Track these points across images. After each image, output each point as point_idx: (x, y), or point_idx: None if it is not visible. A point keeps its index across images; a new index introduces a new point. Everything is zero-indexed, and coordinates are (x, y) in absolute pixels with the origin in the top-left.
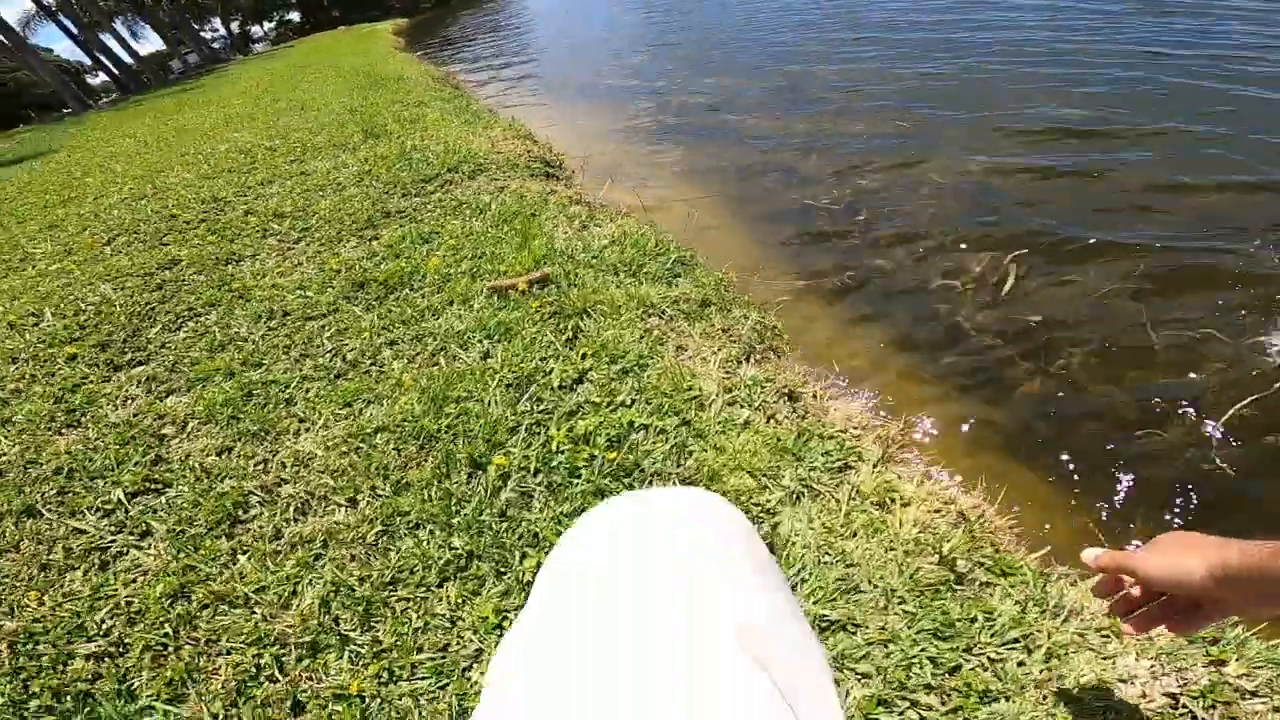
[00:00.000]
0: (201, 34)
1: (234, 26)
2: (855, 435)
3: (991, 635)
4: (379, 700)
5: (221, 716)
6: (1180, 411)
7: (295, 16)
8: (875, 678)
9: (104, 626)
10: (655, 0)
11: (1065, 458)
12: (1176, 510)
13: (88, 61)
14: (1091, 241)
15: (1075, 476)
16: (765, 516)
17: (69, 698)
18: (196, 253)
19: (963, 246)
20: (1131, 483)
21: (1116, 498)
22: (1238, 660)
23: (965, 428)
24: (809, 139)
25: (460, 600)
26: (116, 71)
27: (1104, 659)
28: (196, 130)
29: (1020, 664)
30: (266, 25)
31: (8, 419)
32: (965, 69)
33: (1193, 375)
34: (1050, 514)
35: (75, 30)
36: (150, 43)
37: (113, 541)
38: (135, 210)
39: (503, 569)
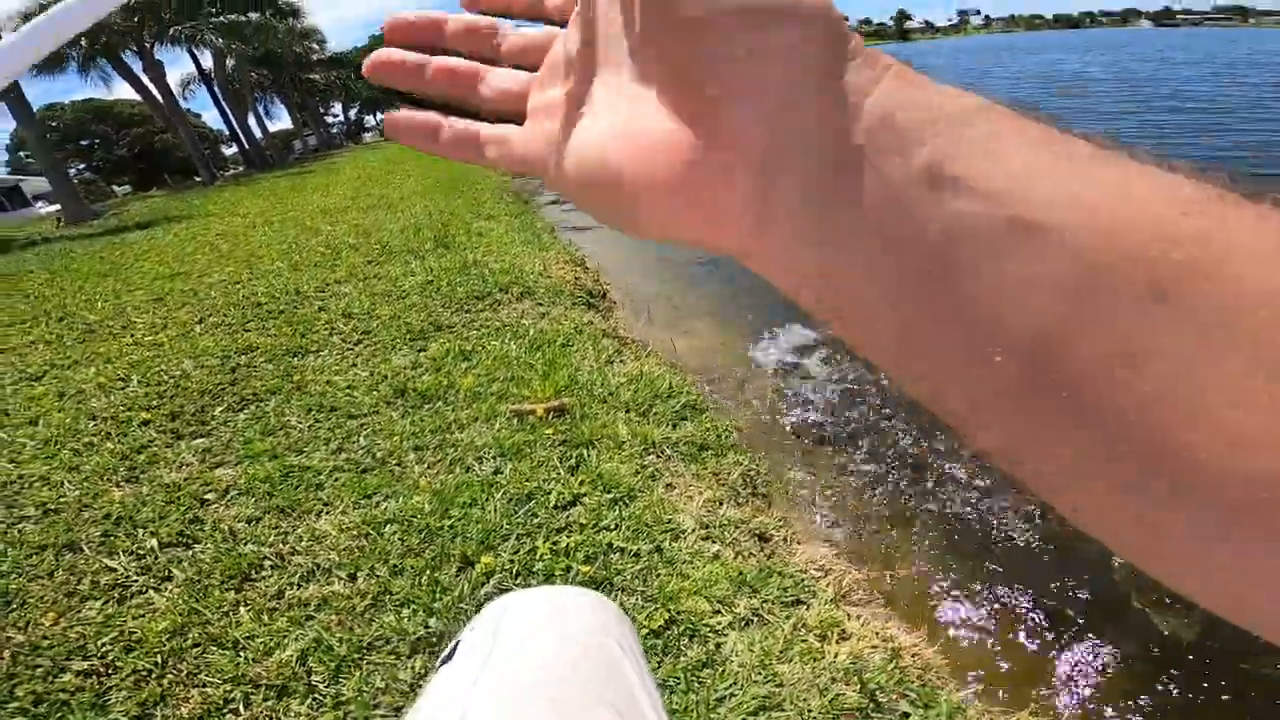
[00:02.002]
0: (325, 118)
1: (351, 114)
2: (815, 576)
3: None
4: None
5: None
6: None
7: None
8: None
9: (102, 649)
10: None
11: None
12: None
13: (226, 131)
14: None
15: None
16: (712, 636)
17: (45, 704)
18: (271, 342)
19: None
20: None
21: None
22: None
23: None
24: None
25: (424, 671)
26: (247, 145)
27: None
28: (297, 219)
29: None
30: (379, 115)
31: (76, 467)
32: None
33: None
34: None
35: (223, 100)
36: (278, 120)
37: (135, 581)
38: (229, 294)
39: None
